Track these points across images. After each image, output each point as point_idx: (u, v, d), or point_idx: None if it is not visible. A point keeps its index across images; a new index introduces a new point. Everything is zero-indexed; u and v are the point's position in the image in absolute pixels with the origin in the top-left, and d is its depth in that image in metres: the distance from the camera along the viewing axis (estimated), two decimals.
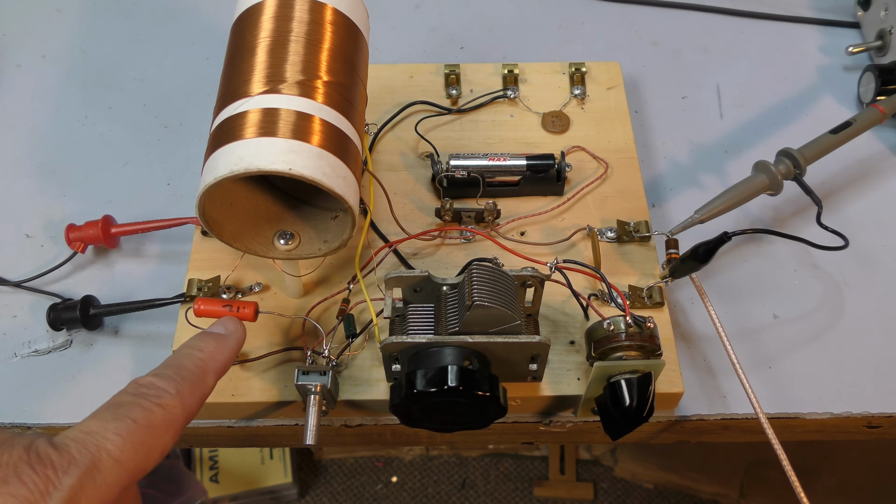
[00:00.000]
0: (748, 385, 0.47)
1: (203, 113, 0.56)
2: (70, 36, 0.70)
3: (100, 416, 0.33)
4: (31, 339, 0.53)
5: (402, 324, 0.45)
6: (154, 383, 0.35)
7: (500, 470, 1.32)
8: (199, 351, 0.38)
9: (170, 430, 0.34)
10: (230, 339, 0.40)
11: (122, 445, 0.32)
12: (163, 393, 0.35)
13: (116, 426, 0.32)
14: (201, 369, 0.37)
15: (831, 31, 0.70)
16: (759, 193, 0.53)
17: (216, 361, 0.38)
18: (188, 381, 0.36)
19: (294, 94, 0.42)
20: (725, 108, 0.65)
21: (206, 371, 0.37)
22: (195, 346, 0.39)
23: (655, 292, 0.51)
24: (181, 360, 0.38)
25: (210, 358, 0.38)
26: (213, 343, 0.39)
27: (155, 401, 0.34)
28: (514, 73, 0.61)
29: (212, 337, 0.40)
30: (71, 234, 0.54)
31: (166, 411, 0.34)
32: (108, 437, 0.32)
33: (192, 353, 0.38)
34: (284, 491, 1.26)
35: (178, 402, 0.35)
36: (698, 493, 1.27)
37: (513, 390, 0.46)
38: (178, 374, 0.36)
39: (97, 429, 0.32)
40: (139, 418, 0.33)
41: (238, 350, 0.40)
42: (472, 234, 0.53)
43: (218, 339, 0.39)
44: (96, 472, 0.31)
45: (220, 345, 0.39)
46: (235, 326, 0.41)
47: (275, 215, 0.46)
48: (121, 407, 0.34)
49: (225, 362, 0.39)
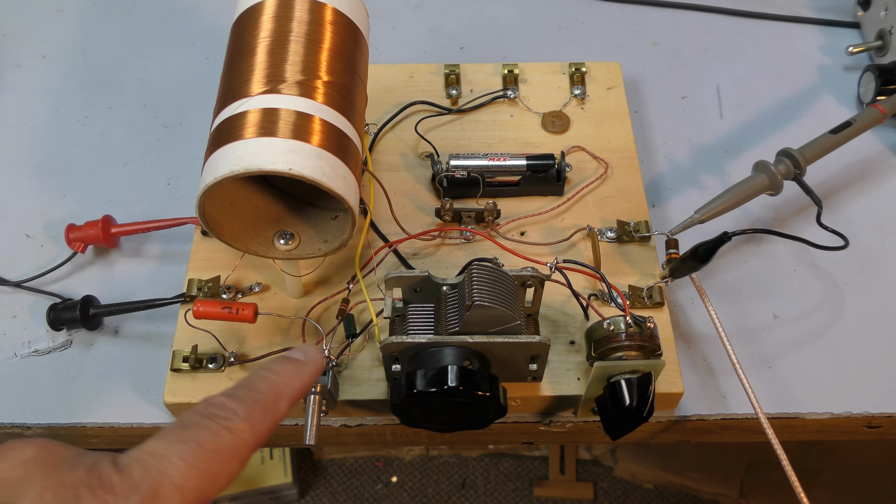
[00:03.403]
0: (748, 385, 0.47)
1: (203, 113, 0.56)
2: (70, 36, 0.70)
3: (166, 437, 0.31)
4: (31, 339, 0.53)
5: (402, 324, 0.45)
6: (225, 404, 0.33)
7: (500, 470, 1.32)
8: (276, 374, 0.36)
9: (236, 457, 0.32)
10: (308, 367, 0.38)
11: (185, 471, 0.30)
12: (233, 416, 0.33)
13: (181, 449, 0.31)
14: (275, 393, 0.35)
15: (831, 31, 0.70)
16: (759, 193, 0.53)
17: (291, 387, 0.36)
18: (260, 405, 0.34)
19: (294, 94, 0.42)
20: (725, 108, 0.65)
21: (279, 396, 0.35)
22: (272, 369, 0.37)
23: (655, 292, 0.51)
24: (256, 382, 0.35)
25: (285, 383, 0.36)
26: (290, 368, 0.37)
27: (224, 423, 0.32)
28: (514, 73, 0.61)
29: (290, 362, 0.38)
30: (71, 234, 0.54)
31: (234, 436, 0.32)
32: (171, 462, 0.30)
33: (268, 375, 0.36)
34: (284, 491, 1.26)
35: (247, 426, 0.33)
36: (698, 493, 1.27)
37: (513, 390, 0.46)
38: (251, 397, 0.34)
39: (161, 451, 0.30)
40: (206, 442, 0.31)
41: (315, 378, 0.38)
42: (472, 234, 0.53)
43: (296, 364, 0.37)
44: (157, 500, 0.29)
45: (297, 370, 0.37)
46: (315, 354, 0.39)
47: (275, 215, 0.46)
48: (188, 428, 0.32)
49: (300, 389, 0.37)
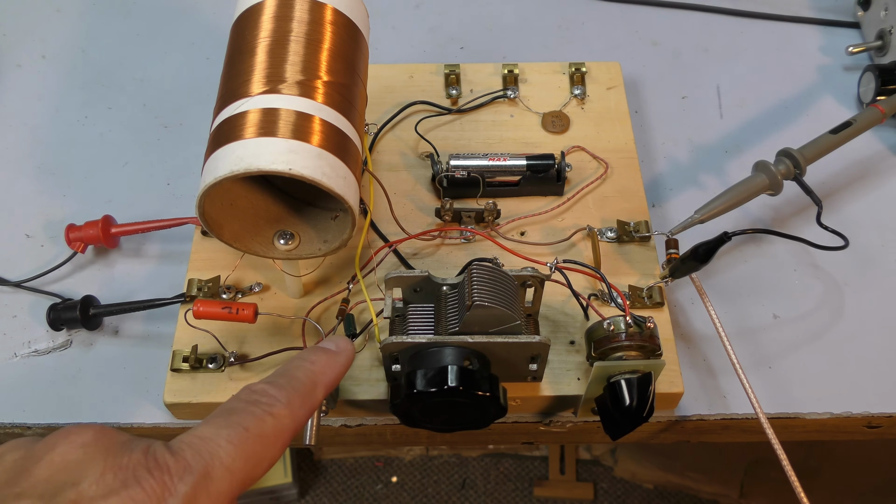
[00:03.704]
0: (748, 385, 0.47)
1: (203, 113, 0.56)
2: (70, 36, 0.70)
3: (213, 423, 0.33)
4: (31, 339, 0.53)
5: (402, 324, 0.45)
6: (266, 391, 0.35)
7: (500, 470, 1.32)
8: (311, 363, 0.38)
9: (279, 441, 0.34)
10: (341, 356, 0.39)
11: (233, 454, 0.32)
12: (274, 402, 0.34)
13: (229, 434, 0.32)
14: (312, 381, 0.37)
15: (831, 31, 0.70)
16: (759, 193, 0.53)
17: (326, 376, 0.38)
18: (299, 392, 0.36)
19: (294, 94, 0.42)
20: (725, 108, 0.65)
21: (315, 384, 0.37)
22: (307, 358, 0.38)
23: (655, 292, 0.51)
24: (293, 370, 0.37)
25: (321, 371, 0.38)
26: (324, 357, 0.39)
27: (266, 409, 0.34)
28: (514, 73, 0.61)
29: (324, 352, 0.39)
30: (71, 234, 0.54)
31: (277, 421, 0.34)
32: (220, 445, 0.32)
33: (304, 364, 0.38)
34: (284, 491, 1.26)
35: (288, 412, 0.34)
36: (698, 493, 1.27)
37: (513, 390, 0.46)
38: (290, 385, 0.36)
39: (211, 435, 0.32)
40: (251, 426, 0.33)
41: (346, 369, 0.40)
42: (472, 234, 0.53)
43: (329, 354, 0.39)
44: (209, 481, 0.30)
45: (330, 360, 0.39)
46: (346, 345, 0.40)
47: (275, 215, 0.46)
48: (233, 414, 0.33)
49: (334, 378, 0.38)
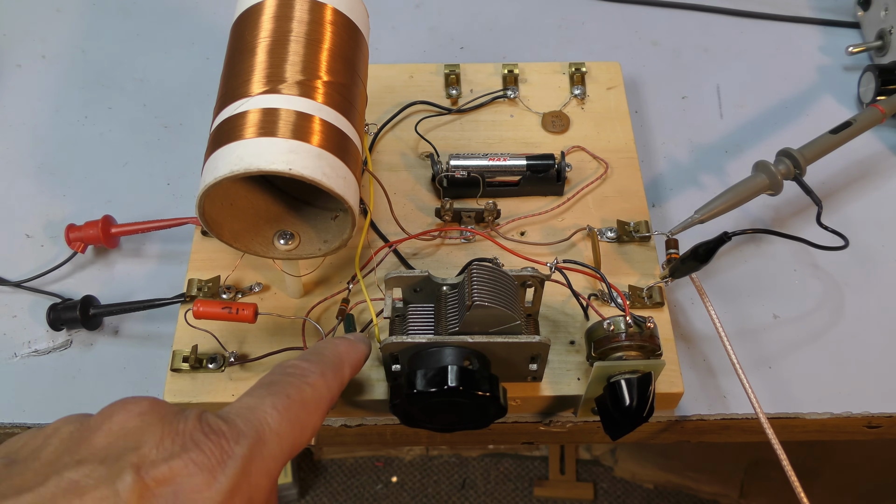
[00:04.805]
0: (748, 385, 0.47)
1: (203, 113, 0.57)
2: (70, 36, 0.70)
3: (256, 394, 0.34)
4: (31, 339, 0.53)
5: (402, 324, 0.45)
6: (300, 364, 0.37)
7: (500, 470, 1.32)
8: (335, 346, 0.40)
9: (319, 409, 0.35)
10: (360, 344, 0.42)
11: (280, 420, 0.33)
12: (309, 373, 0.36)
13: (273, 401, 0.33)
14: (339, 359, 0.39)
15: (831, 31, 0.70)
16: (759, 193, 0.53)
17: (351, 356, 0.40)
18: (330, 366, 0.38)
19: (294, 94, 0.42)
20: (725, 108, 0.65)
21: (343, 362, 0.39)
22: (331, 341, 0.41)
23: (655, 292, 0.51)
24: (321, 349, 0.39)
25: (346, 352, 0.40)
26: (346, 344, 0.41)
27: (303, 379, 0.35)
28: (514, 73, 0.61)
29: (344, 340, 0.41)
30: (71, 234, 0.54)
31: (315, 390, 0.35)
32: (267, 412, 0.33)
33: (329, 346, 0.40)
34: (284, 491, 1.26)
35: (323, 381, 0.36)
36: (698, 493, 1.27)
37: (513, 390, 0.46)
38: (321, 360, 0.38)
39: (256, 404, 0.33)
40: (293, 394, 0.34)
41: (365, 359, 0.42)
42: (472, 234, 0.53)
43: (349, 341, 0.41)
44: (263, 444, 0.32)
45: (352, 346, 0.41)
46: (363, 337, 0.43)
47: (275, 215, 0.46)
48: (274, 385, 0.35)
49: (357, 360, 0.40)
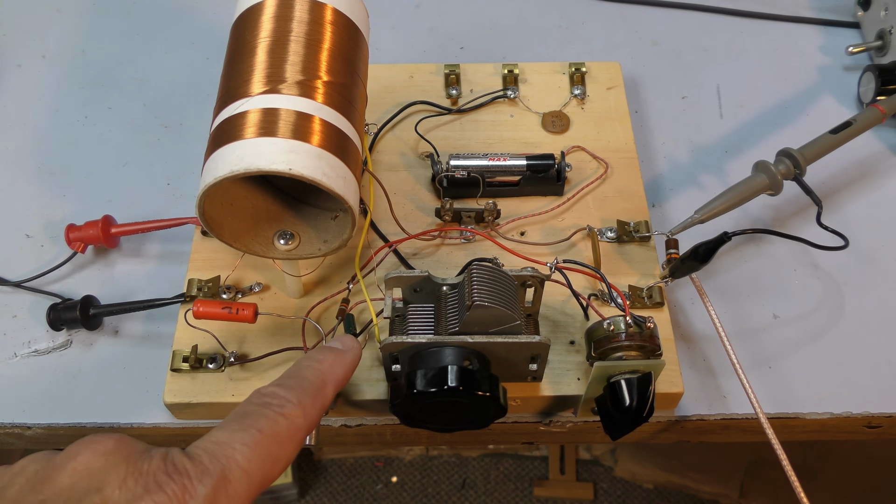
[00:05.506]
0: (748, 385, 0.47)
1: (203, 113, 0.57)
2: (70, 36, 0.70)
3: (227, 427, 0.33)
4: (31, 339, 0.53)
5: (402, 324, 0.45)
6: (277, 393, 0.35)
7: (500, 470, 1.32)
8: (319, 363, 0.38)
9: (293, 441, 0.35)
10: (348, 355, 0.40)
11: (249, 456, 0.32)
12: (285, 403, 0.35)
13: (243, 437, 0.33)
14: (321, 380, 0.37)
15: (831, 31, 0.70)
16: (759, 193, 0.53)
17: (335, 374, 0.38)
18: (309, 392, 0.36)
19: (294, 94, 0.42)
20: (725, 108, 0.65)
21: (325, 383, 0.38)
22: (315, 357, 0.39)
23: (655, 292, 0.51)
24: (302, 371, 0.38)
25: (329, 370, 0.38)
26: (331, 356, 0.39)
27: (278, 410, 0.35)
28: (514, 73, 0.61)
29: (330, 350, 0.40)
30: (71, 234, 0.54)
31: (290, 421, 0.35)
32: (236, 448, 0.32)
33: (312, 364, 0.38)
34: (284, 491, 1.26)
35: (300, 412, 0.35)
36: (698, 493, 1.27)
37: (513, 390, 0.46)
38: (300, 385, 0.36)
39: (225, 439, 0.33)
40: (265, 428, 0.33)
41: (354, 368, 0.40)
42: (472, 234, 0.53)
43: (336, 353, 0.40)
44: (227, 482, 0.31)
45: (338, 358, 0.39)
46: (353, 344, 0.41)
47: (275, 215, 0.46)
48: (247, 417, 0.34)
49: (343, 376, 0.39)
